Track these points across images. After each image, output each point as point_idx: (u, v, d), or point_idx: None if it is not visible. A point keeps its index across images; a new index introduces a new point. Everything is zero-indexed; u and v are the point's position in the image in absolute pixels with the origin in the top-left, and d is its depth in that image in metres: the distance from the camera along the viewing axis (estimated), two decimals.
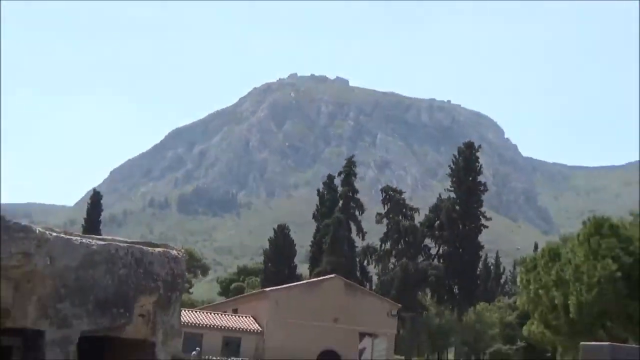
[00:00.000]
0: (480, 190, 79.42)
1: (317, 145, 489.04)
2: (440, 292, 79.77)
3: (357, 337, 62.02)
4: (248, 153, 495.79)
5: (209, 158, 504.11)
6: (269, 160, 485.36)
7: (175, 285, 17.70)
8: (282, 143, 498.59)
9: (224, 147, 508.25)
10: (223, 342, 58.37)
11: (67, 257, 16.37)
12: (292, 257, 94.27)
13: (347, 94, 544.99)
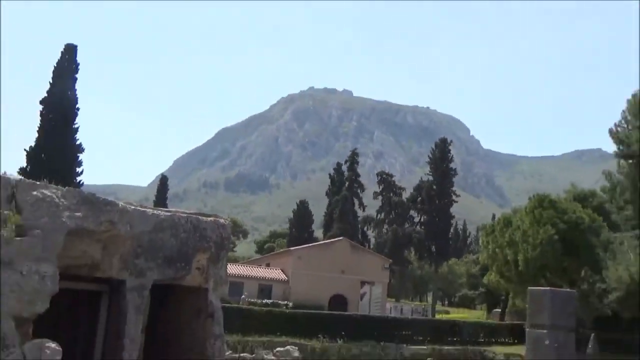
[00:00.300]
0: (451, 175, 79.22)
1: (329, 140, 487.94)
2: (421, 251, 79.75)
3: (359, 284, 62.13)
4: (277, 146, 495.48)
5: (247, 150, 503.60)
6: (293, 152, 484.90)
7: (223, 246, 17.87)
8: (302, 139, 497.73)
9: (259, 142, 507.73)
10: (258, 288, 58.66)
11: (142, 224, 16.61)
12: (310, 224, 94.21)
13: (351, 102, 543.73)
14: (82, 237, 15.44)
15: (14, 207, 14.71)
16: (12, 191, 14.97)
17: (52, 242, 14.57)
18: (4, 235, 14.15)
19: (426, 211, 77.88)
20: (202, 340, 17.21)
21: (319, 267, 60.24)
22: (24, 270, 13.96)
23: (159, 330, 17.50)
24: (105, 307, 17.07)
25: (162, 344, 17.60)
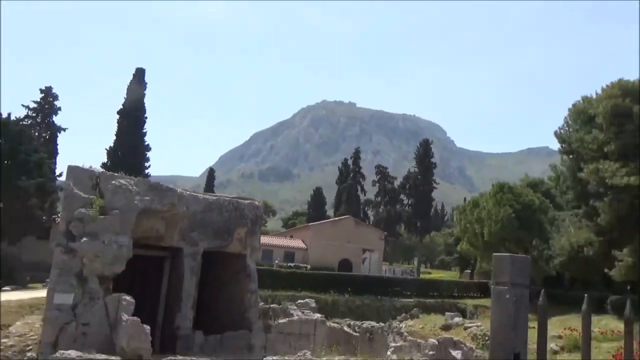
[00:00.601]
0: (432, 167, 78.71)
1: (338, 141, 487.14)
2: (409, 226, 79.48)
3: (361, 251, 62.17)
4: (298, 146, 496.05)
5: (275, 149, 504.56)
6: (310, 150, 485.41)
7: (257, 222, 17.94)
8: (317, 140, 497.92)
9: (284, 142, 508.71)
10: (284, 254, 58.82)
11: (195, 206, 16.66)
12: (324, 206, 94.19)
13: (355, 111, 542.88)
14: (150, 216, 15.53)
15: (97, 193, 14.81)
16: (96, 181, 15.07)
17: (127, 220, 14.67)
18: (91, 214, 14.24)
19: (413, 195, 77.61)
20: (241, 293, 17.30)
21: (330, 238, 60.34)
22: (105, 240, 14.06)
23: (208, 286, 17.61)
24: (167, 269, 17.20)
25: (211, 296, 17.71)
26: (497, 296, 1.92)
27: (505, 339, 1.80)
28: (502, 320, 1.86)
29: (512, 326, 1.82)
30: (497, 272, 1.97)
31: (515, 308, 1.85)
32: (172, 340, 15.47)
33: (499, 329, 1.85)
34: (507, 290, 1.88)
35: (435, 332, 23.49)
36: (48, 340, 13.10)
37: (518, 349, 1.80)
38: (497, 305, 1.90)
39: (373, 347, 21.30)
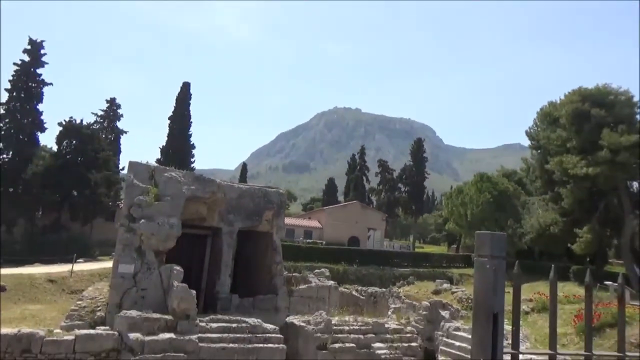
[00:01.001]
0: (424, 161, 78.05)
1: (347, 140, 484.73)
2: (405, 209, 78.97)
3: (366, 230, 62.05)
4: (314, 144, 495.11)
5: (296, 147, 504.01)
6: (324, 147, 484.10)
7: (282, 206, 17.95)
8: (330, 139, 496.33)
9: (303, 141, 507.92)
10: (304, 232, 58.89)
11: (231, 193, 16.69)
12: (336, 193, 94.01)
13: (360, 115, 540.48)
14: (195, 201, 15.59)
15: (153, 183, 14.88)
16: (152, 173, 15.14)
17: (177, 205, 14.73)
18: (147, 200, 14.33)
19: (408, 184, 77.05)
20: (269, 264, 17.34)
21: (341, 219, 60.27)
22: (159, 221, 14.14)
23: (242, 258, 17.67)
24: (209, 244, 17.28)
25: (244, 266, 17.78)
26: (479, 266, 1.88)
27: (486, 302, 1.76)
28: (483, 286, 1.82)
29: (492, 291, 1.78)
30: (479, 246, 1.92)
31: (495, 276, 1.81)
32: (213, 302, 15.57)
33: (480, 293, 1.81)
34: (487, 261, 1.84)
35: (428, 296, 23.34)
36: (114, 302, 13.25)
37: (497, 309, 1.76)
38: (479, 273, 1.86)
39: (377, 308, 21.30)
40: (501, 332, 1.76)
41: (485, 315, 1.71)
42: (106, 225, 40.65)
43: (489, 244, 1.87)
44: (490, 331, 1.70)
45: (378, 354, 14.34)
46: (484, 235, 1.89)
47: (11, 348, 10.40)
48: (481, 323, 1.71)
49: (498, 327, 1.74)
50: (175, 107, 55.00)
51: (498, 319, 1.74)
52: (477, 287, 1.79)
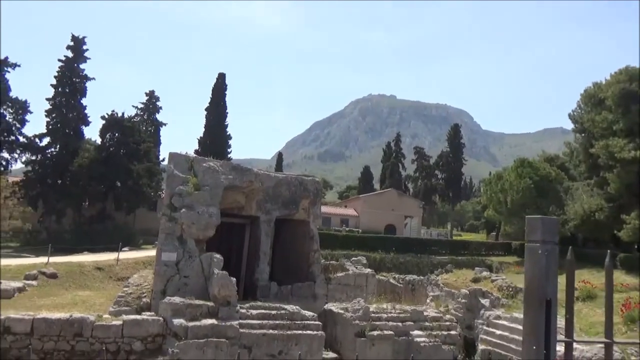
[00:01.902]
0: (461, 147, 76.47)
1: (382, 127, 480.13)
2: (442, 196, 77.75)
3: (403, 217, 61.56)
4: (349, 132, 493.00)
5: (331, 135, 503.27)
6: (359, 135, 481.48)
7: (318, 194, 18.00)
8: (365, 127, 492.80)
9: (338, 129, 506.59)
10: (340, 220, 59.00)
11: (268, 182, 16.85)
12: (371, 181, 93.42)
13: (395, 102, 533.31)
14: (233, 191, 15.82)
15: (192, 173, 15.18)
16: (191, 164, 15.44)
17: (215, 194, 15.00)
18: (187, 190, 14.65)
19: (445, 171, 75.72)
20: (307, 252, 17.46)
21: (377, 207, 60.00)
22: (199, 211, 14.43)
23: (280, 246, 17.85)
24: (248, 233, 17.52)
25: (282, 254, 17.97)
26: (530, 252, 1.81)
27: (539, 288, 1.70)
28: (535, 272, 1.76)
29: (545, 277, 1.71)
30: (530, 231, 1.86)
31: (547, 261, 1.74)
32: (253, 289, 15.83)
33: (532, 279, 1.75)
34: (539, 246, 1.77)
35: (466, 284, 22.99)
36: (158, 289, 13.67)
37: (549, 296, 1.70)
38: (531, 259, 1.80)
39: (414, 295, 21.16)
40: (554, 320, 1.70)
41: (537, 302, 1.65)
42: (148, 214, 41.90)
43: (540, 229, 1.80)
44: (543, 319, 1.65)
45: (417, 342, 14.27)
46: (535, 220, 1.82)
47: (64, 332, 10.91)
48: (533, 310, 1.65)
49: (551, 315, 1.68)
50: (212, 98, 55.82)
51: (551, 306, 1.68)
52: (529, 274, 1.73)
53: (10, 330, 10.68)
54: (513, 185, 42.52)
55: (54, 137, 42.08)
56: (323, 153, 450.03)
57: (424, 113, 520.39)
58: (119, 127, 42.48)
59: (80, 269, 21.29)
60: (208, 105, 55.76)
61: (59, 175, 40.60)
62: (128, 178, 40.30)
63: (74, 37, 43.81)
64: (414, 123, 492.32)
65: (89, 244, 30.03)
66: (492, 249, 47.46)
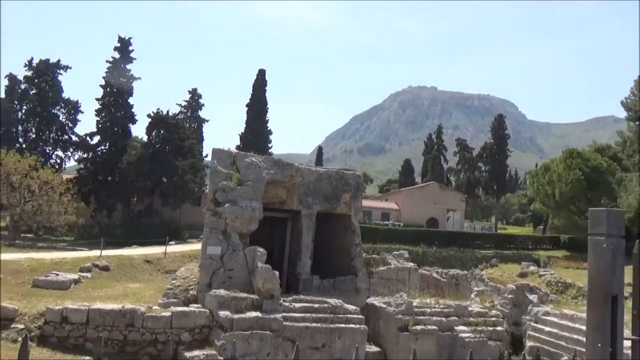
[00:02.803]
0: (505, 138, 74.31)
1: (422, 120, 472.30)
2: (486, 189, 75.90)
3: (445, 211, 60.49)
4: (389, 125, 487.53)
5: (370, 128, 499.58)
6: (399, 128, 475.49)
7: (359, 188, 17.91)
8: (405, 120, 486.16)
9: (377, 123, 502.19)
10: (381, 214, 58.65)
11: (309, 176, 16.91)
12: (412, 174, 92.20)
13: (436, 94, 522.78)
14: (275, 185, 15.98)
15: (235, 169, 15.43)
16: (233, 159, 15.68)
17: (258, 189, 15.19)
18: (230, 185, 14.90)
19: (489, 163, 73.83)
20: (348, 246, 17.44)
21: (419, 200, 59.26)
22: (242, 205, 14.66)
23: (322, 240, 17.91)
24: (289, 227, 17.66)
25: (324, 248, 18.02)
26: (594, 245, 1.72)
27: (604, 283, 1.61)
28: (599, 266, 1.66)
29: (610, 271, 1.62)
30: (594, 224, 1.76)
31: (612, 255, 1.64)
32: (295, 283, 15.97)
33: (596, 274, 1.66)
34: (604, 240, 1.68)
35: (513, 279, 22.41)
36: (204, 281, 14.01)
37: (615, 291, 1.61)
38: (595, 253, 1.70)
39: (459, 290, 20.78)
40: (621, 316, 1.60)
41: (602, 297, 1.56)
42: (193, 209, 43.01)
43: (605, 222, 1.70)
44: (609, 315, 1.56)
45: (462, 337, 14.02)
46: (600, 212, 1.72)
47: (117, 322, 11.37)
48: (598, 306, 1.57)
49: (617, 311, 1.58)
50: (252, 94, 56.52)
51: (617, 301, 1.59)
52: (593, 268, 1.64)
53: (68, 320, 11.23)
54: (561, 177, 40.95)
55: (104, 135, 43.80)
56: (363, 147, 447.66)
57: (466, 104, 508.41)
58: (164, 124, 43.72)
59: (131, 262, 22.11)
60: (249, 101, 56.54)
61: (109, 172, 42.24)
62: (173, 174, 41.44)
63: (121, 39, 45.33)
64: (455, 114, 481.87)
65: (138, 238, 31.14)
66: (539, 242, 45.92)
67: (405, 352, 13.50)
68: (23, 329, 11.11)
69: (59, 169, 43.94)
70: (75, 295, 15.09)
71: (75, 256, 22.40)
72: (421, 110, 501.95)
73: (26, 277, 16.93)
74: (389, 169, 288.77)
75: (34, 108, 44.41)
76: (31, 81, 44.87)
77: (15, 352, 9.82)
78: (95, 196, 41.55)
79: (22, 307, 11.84)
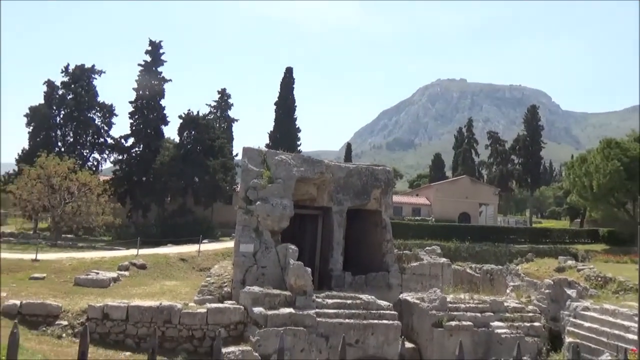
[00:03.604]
0: (540, 129, 72.39)
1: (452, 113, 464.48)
2: (520, 182, 74.13)
3: (478, 205, 59.44)
4: (418, 119, 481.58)
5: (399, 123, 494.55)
6: (429, 122, 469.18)
7: (389, 184, 17.81)
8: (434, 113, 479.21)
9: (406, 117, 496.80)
10: (412, 210, 58.11)
11: (339, 173, 16.91)
12: (443, 168, 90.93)
13: (466, 86, 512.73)
14: (305, 182, 16.06)
15: (265, 167, 15.58)
16: (263, 157, 15.84)
17: (288, 186, 15.30)
18: (261, 183, 15.05)
19: (523, 155, 72.02)
20: (379, 242, 17.38)
21: (450, 195, 58.44)
22: (273, 203, 14.80)
23: (353, 237, 17.90)
24: (320, 224, 17.72)
25: (355, 245, 18.01)
26: None
27: None
28: None
29: None
30: None
31: None
32: (327, 279, 16.02)
33: None
34: None
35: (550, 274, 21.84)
36: (238, 279, 14.22)
37: None
38: None
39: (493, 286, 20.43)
40: None
41: None
42: (225, 208, 43.64)
43: None
44: None
45: (497, 333, 13.79)
46: None
47: (155, 318, 11.68)
48: None
49: None
50: (280, 93, 56.81)
51: None
52: None
53: (108, 316, 11.60)
54: (599, 168, 39.66)
55: (138, 137, 44.88)
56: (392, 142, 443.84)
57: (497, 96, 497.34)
58: (194, 125, 44.45)
59: (166, 260, 22.65)
60: (277, 100, 56.88)
61: (143, 173, 43.28)
62: (205, 173, 42.11)
63: (152, 42, 46.29)
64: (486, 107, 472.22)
65: (172, 237, 31.83)
66: (576, 236, 44.66)
67: (440, 348, 13.38)
68: (67, 326, 11.54)
69: (96, 171, 45.26)
70: (114, 292, 15.57)
71: (113, 255, 23.10)
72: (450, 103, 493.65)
73: (68, 276, 17.58)
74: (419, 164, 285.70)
75: (71, 113, 45.86)
76: (68, 87, 46.33)
77: (60, 347, 10.23)
78: (131, 196, 42.64)
79: (66, 305, 12.30)
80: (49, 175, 32.57)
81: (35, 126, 44.40)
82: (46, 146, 39.96)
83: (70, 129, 46.46)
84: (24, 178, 32.61)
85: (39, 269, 18.23)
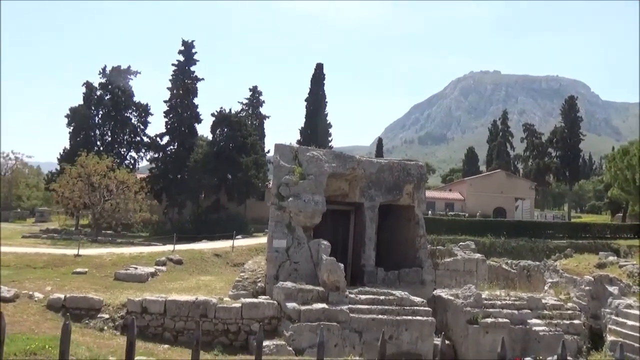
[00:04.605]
0: (578, 121, 70.06)
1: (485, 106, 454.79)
2: (558, 176, 72.01)
3: (514, 200, 58.13)
4: (450, 113, 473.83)
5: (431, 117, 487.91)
6: (462, 115, 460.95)
7: (422, 179, 17.59)
8: (467, 106, 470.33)
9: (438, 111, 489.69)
10: (445, 205, 57.32)
11: (371, 168, 16.82)
12: (476, 162, 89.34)
13: (500, 78, 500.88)
14: (337, 178, 16.06)
15: (297, 163, 15.65)
16: (295, 153, 15.91)
17: (320, 182, 15.33)
18: (293, 179, 15.14)
19: (560, 148, 69.92)
20: (412, 237, 17.21)
21: (484, 189, 57.38)
22: (305, 199, 14.87)
23: (385, 232, 17.80)
24: (353, 219, 17.70)
25: (388, 240, 17.90)
26: None
27: None
28: None
29: None
30: None
31: None
32: (360, 275, 15.99)
33: None
34: None
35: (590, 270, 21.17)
36: (271, 274, 14.38)
37: None
38: None
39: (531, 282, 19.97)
40: None
41: None
42: (257, 204, 44.15)
43: None
44: None
45: (535, 331, 13.47)
46: None
47: (192, 313, 11.95)
48: None
49: None
50: (311, 89, 56.93)
51: None
52: None
53: (147, 310, 11.94)
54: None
55: (172, 135, 45.87)
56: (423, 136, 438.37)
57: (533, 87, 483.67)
58: (227, 122, 45.08)
59: (201, 255, 23.10)
60: (308, 96, 57.02)
61: (178, 170, 44.23)
62: (238, 170, 42.68)
63: (184, 42, 47.14)
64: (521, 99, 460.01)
65: (206, 233, 32.44)
66: (618, 231, 43.04)
67: (475, 345, 13.18)
68: (108, 319, 11.94)
69: (133, 169, 46.58)
70: (152, 287, 16.00)
71: (151, 251, 23.72)
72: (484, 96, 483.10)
73: (108, 271, 18.17)
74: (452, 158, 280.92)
75: (109, 113, 47.27)
76: (105, 87, 47.75)
77: (102, 339, 10.58)
78: (167, 194, 43.67)
79: (107, 299, 12.72)
80: (89, 173, 33.70)
81: (76, 126, 45.98)
82: (86, 145, 41.34)
83: (108, 128, 47.90)
84: (65, 177, 33.85)
85: (81, 264, 18.91)
